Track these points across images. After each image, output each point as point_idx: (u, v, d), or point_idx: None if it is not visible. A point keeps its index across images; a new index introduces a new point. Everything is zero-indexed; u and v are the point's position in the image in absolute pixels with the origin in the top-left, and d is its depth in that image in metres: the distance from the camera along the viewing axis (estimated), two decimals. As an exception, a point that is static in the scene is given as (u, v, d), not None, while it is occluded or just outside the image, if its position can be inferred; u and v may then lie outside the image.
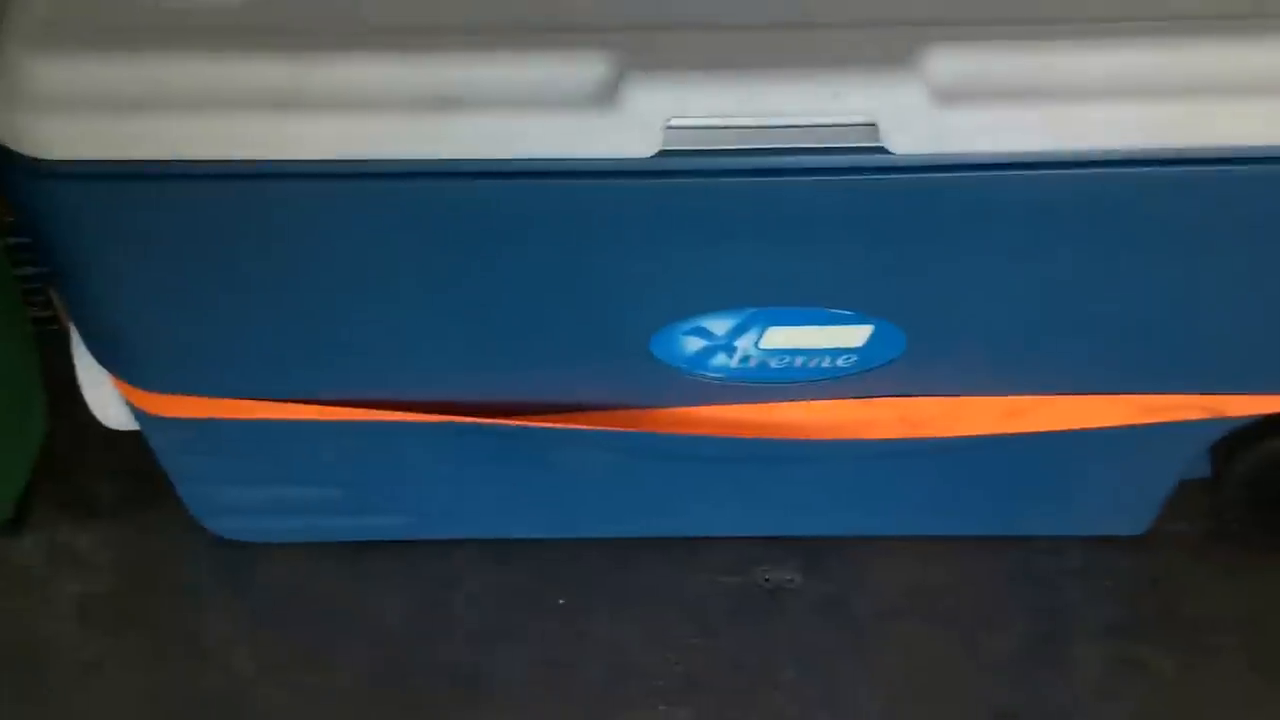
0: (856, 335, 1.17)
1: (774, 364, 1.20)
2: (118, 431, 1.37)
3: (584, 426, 1.25)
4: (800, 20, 1.01)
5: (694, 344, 1.18)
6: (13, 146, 1.03)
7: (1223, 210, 1.07)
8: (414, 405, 1.24)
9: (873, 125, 1.00)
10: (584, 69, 1.01)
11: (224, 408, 1.25)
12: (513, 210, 1.07)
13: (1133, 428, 1.25)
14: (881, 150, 1.01)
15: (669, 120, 1.01)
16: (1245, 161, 1.02)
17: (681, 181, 1.04)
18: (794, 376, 1.21)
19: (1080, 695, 1.39)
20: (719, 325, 1.16)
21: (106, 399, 1.32)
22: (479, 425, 1.25)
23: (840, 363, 1.20)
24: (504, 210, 1.07)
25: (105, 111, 1.01)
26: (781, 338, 1.17)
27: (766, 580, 1.47)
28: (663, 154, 1.02)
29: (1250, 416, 1.27)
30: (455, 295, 1.14)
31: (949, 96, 1.00)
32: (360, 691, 1.43)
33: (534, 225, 1.08)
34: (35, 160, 1.03)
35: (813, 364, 1.20)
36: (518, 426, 1.25)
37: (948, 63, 0.99)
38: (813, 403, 1.24)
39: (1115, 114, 1.00)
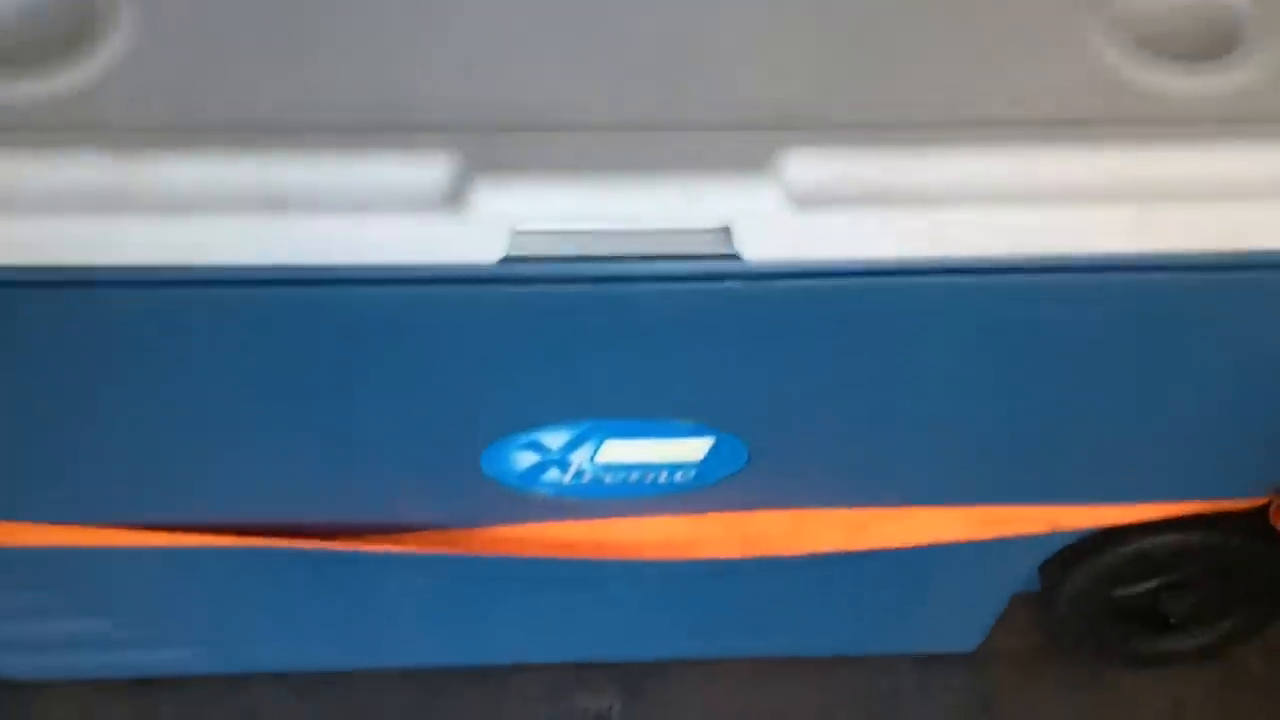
0: (697, 448, 1.15)
1: (609, 479, 1.18)
2: None
3: (404, 549, 1.21)
4: (654, 121, 1.00)
5: (527, 459, 1.15)
6: None
7: (1068, 319, 1.07)
8: (224, 528, 1.20)
9: (726, 230, 0.99)
10: (426, 170, 0.97)
11: (21, 533, 1.19)
12: (344, 318, 1.03)
13: (972, 542, 1.25)
14: (735, 257, 1.00)
15: (516, 225, 0.98)
16: (1088, 270, 1.03)
17: (527, 289, 1.01)
18: (629, 492, 1.19)
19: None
20: (554, 439, 1.14)
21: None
22: (291, 549, 1.20)
23: (678, 477, 1.18)
24: (335, 318, 1.03)
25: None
26: (619, 451, 1.15)
27: (585, 710, 1.44)
28: (507, 260, 0.99)
29: (1086, 530, 1.27)
30: (278, 409, 1.10)
31: (806, 201, 0.98)
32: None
33: (365, 334, 1.05)
34: None
35: (649, 479, 1.18)
36: (336, 550, 1.20)
37: (805, 167, 0.98)
38: (646, 519, 1.22)
39: (969, 220, 1.00)
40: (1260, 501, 1.26)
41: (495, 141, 0.98)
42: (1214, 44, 1.04)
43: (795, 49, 1.03)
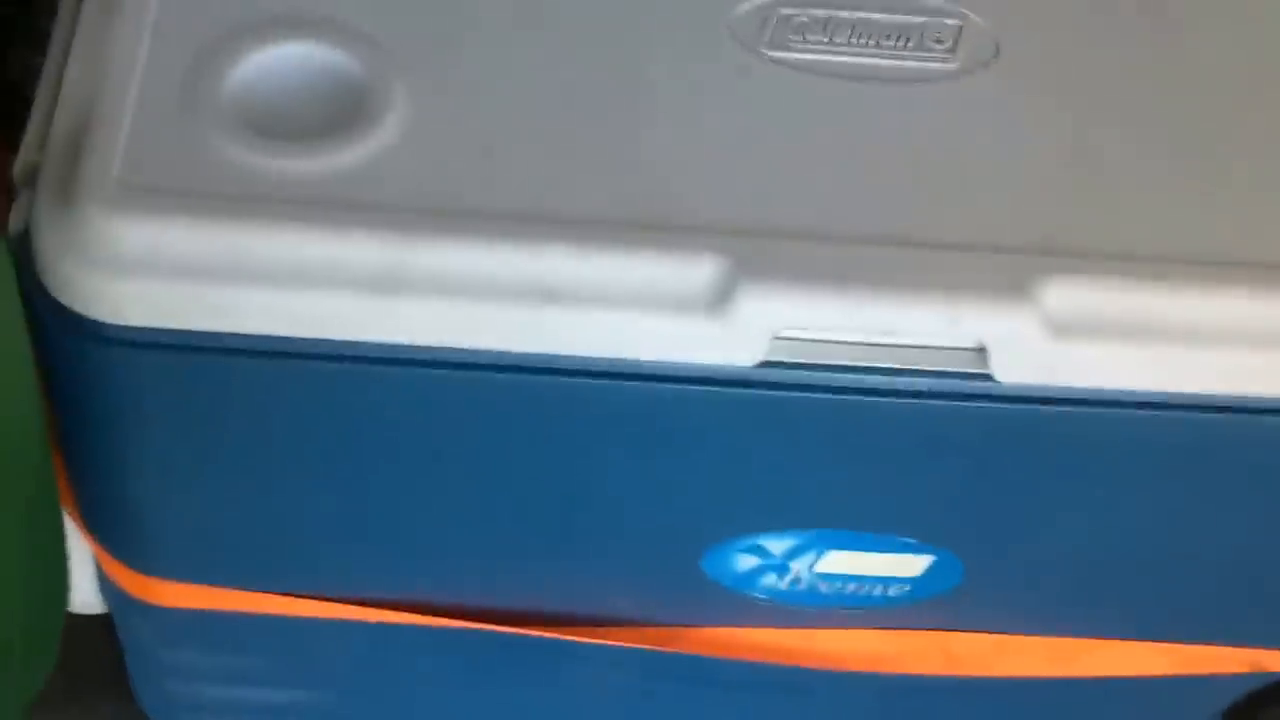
0: (916, 565, 1.18)
1: (824, 588, 1.20)
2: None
3: (612, 643, 1.24)
4: (915, 237, 1.03)
5: (747, 562, 1.18)
6: (80, 310, 1.01)
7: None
8: (433, 609, 1.23)
9: (982, 351, 1.02)
10: (695, 271, 1.01)
11: (234, 600, 1.22)
12: (593, 411, 1.07)
13: (1170, 678, 1.27)
14: (988, 378, 1.02)
15: (778, 331, 1.01)
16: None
17: (777, 394, 1.04)
18: (842, 603, 1.22)
19: None
20: (778, 545, 1.17)
21: (78, 580, 1.29)
22: (502, 634, 1.23)
23: (892, 591, 1.20)
24: (584, 411, 1.07)
25: (188, 280, 1.00)
26: (839, 563, 1.18)
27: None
28: (764, 365, 1.02)
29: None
30: (512, 495, 1.14)
31: (1063, 329, 1.01)
32: None
33: (614, 428, 1.08)
34: (100, 324, 1.01)
35: (864, 590, 1.20)
36: (545, 638, 1.23)
37: (1065, 295, 1.01)
38: (853, 631, 1.24)
39: (1226, 360, 1.03)
40: None
41: (760, 246, 1.02)
42: None
43: (1057, 174, 1.06)
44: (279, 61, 1.06)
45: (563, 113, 1.06)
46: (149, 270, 1.00)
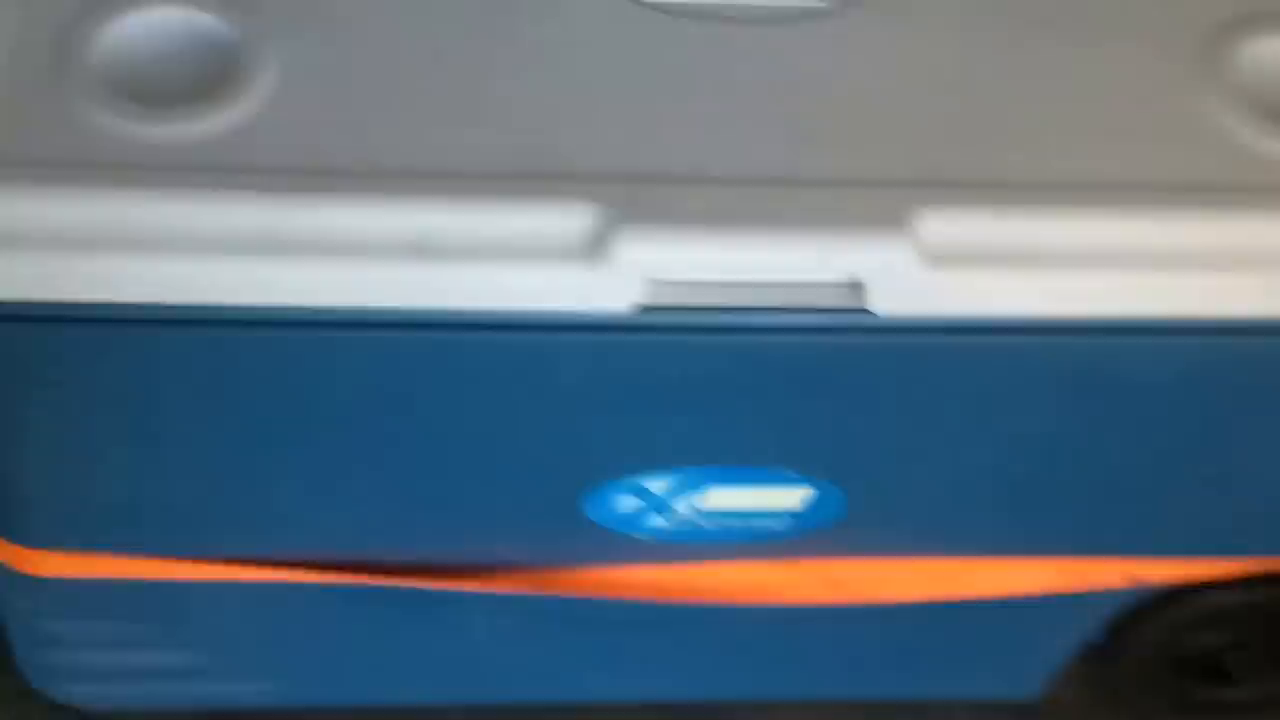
0: (798, 497, 1.19)
1: (707, 525, 1.22)
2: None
3: (498, 589, 1.25)
4: (791, 176, 1.04)
5: (629, 503, 1.19)
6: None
7: (1171, 379, 1.12)
8: (317, 564, 1.23)
9: (858, 285, 1.03)
10: (570, 220, 1.01)
11: (113, 566, 1.22)
12: (474, 363, 1.07)
13: (1053, 594, 1.30)
14: (865, 311, 1.04)
15: (653, 274, 1.02)
16: (1192, 332, 1.07)
17: (658, 337, 1.05)
18: (725, 538, 1.23)
19: None
20: (659, 484, 1.18)
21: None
22: (386, 587, 1.23)
23: (775, 524, 1.22)
24: (464, 363, 1.07)
25: (55, 251, 0.98)
26: (722, 499, 1.19)
27: (652, 749, 1.47)
28: (642, 309, 1.03)
29: (1166, 584, 1.32)
30: (391, 449, 1.14)
31: (939, 259, 1.03)
32: None
33: (494, 378, 1.08)
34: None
35: (747, 525, 1.22)
36: (433, 590, 1.24)
37: (939, 225, 1.03)
38: (737, 564, 1.26)
39: (1099, 281, 1.05)
40: (1338, 560, 1.31)
41: (635, 192, 1.02)
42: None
43: (929, 109, 1.07)
44: (149, 26, 1.04)
45: (435, 68, 1.06)
46: (18, 243, 0.98)
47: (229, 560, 1.23)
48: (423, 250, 1.00)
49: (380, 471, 1.16)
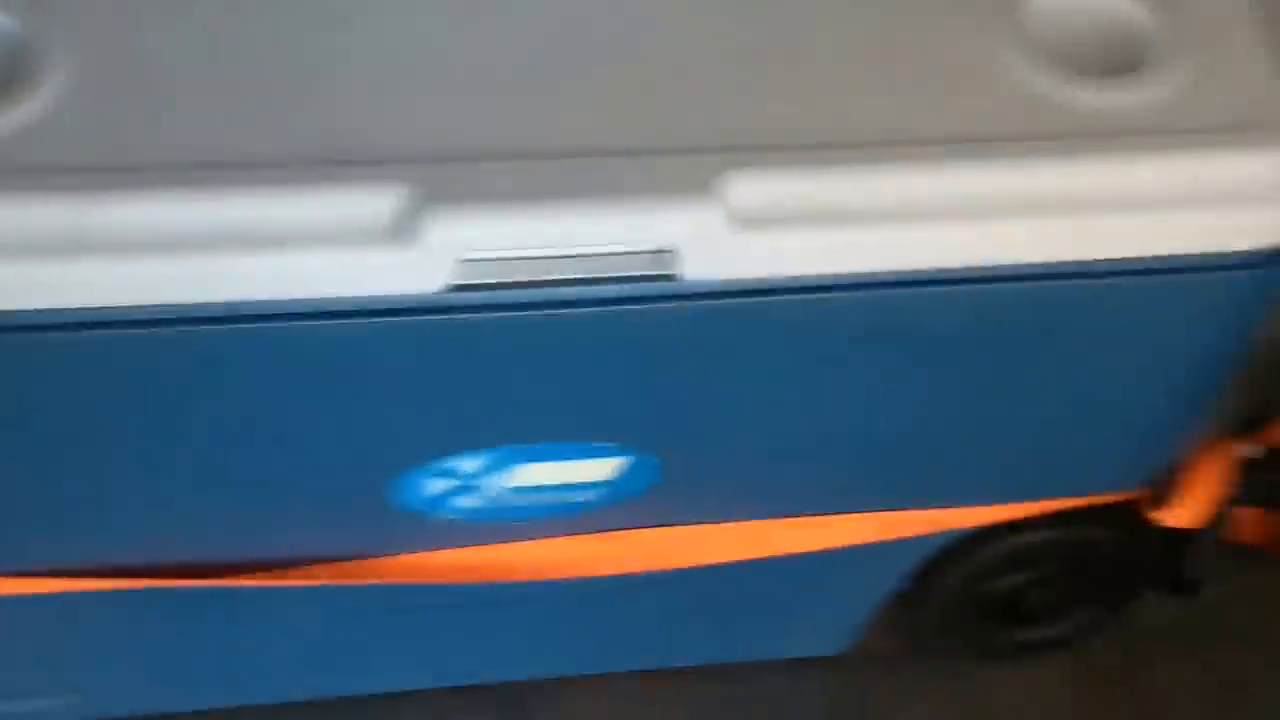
0: (610, 467, 1.19)
1: (518, 501, 1.20)
2: None
3: (307, 582, 1.22)
4: (596, 147, 1.03)
5: (438, 485, 1.17)
6: None
7: (966, 328, 1.13)
8: (118, 571, 1.19)
9: (670, 252, 1.03)
10: (376, 203, 0.99)
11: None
12: (283, 353, 1.05)
13: (862, 546, 1.31)
14: (677, 278, 1.03)
15: (462, 254, 1.00)
16: (1011, 280, 1.09)
17: (465, 318, 1.04)
18: (538, 514, 1.22)
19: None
20: (468, 465, 1.16)
21: None
22: (180, 589, 1.20)
23: (588, 496, 1.21)
24: (273, 354, 1.04)
25: None
26: (532, 475, 1.18)
27: (464, 729, 1.46)
28: (452, 289, 1.01)
29: (967, 529, 1.34)
30: (195, 446, 1.11)
31: (748, 222, 1.03)
32: None
33: (304, 368, 1.06)
34: None
35: (559, 500, 1.21)
36: (239, 588, 1.21)
37: (747, 189, 1.02)
38: (551, 540, 1.25)
39: (907, 236, 1.05)
40: (1130, 495, 1.33)
41: (441, 172, 1.00)
42: (1123, 61, 1.10)
43: (732, 75, 1.07)
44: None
45: (232, 58, 1.03)
46: None
47: (18, 574, 1.18)
48: (226, 243, 0.97)
49: (183, 469, 1.13)
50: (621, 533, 1.25)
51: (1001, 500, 1.31)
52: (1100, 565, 1.44)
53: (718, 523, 1.27)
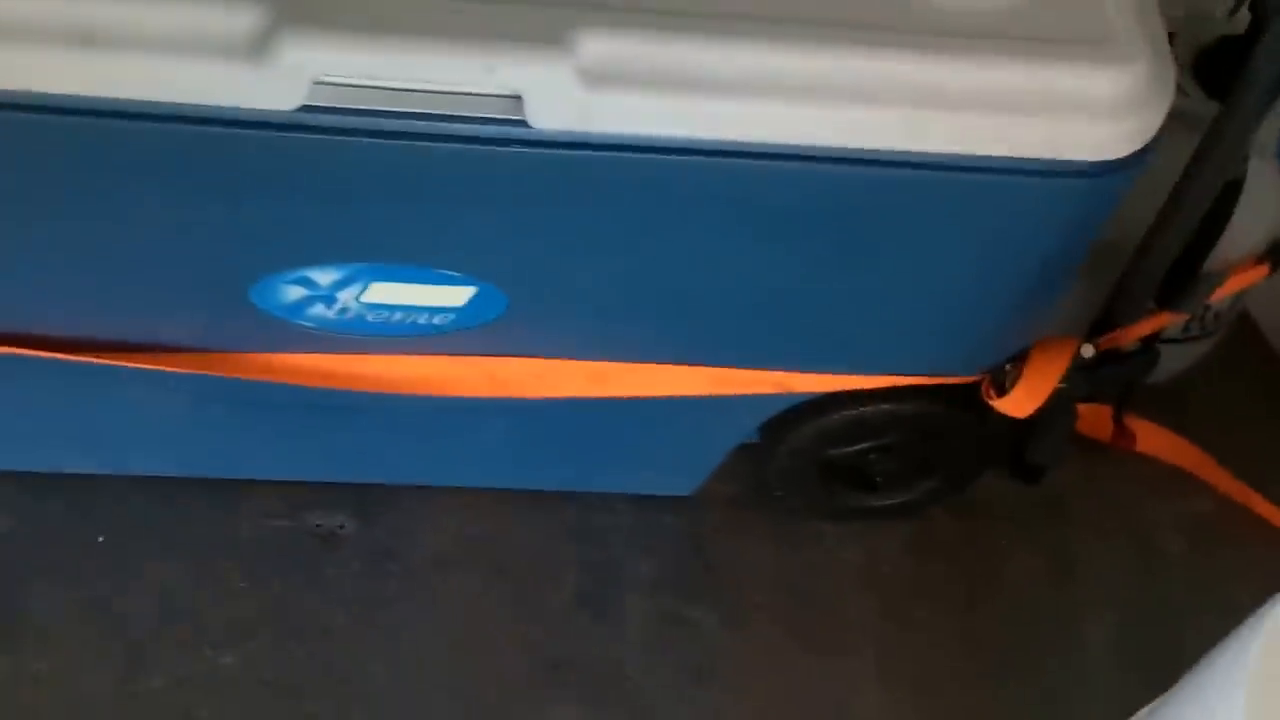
0: (459, 295, 1.24)
1: (371, 317, 1.26)
2: None
3: (166, 368, 1.28)
4: (459, -11, 1.07)
5: (295, 293, 1.23)
6: None
7: (809, 205, 1.18)
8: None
9: (518, 99, 1.07)
10: (237, 17, 1.04)
11: None
12: (140, 152, 1.10)
13: (706, 397, 1.36)
14: (524, 124, 1.08)
15: (316, 76, 1.05)
16: (843, 161, 1.13)
17: (317, 138, 1.08)
18: (390, 331, 1.27)
19: (630, 647, 1.51)
20: (324, 277, 1.21)
21: None
22: (56, 360, 1.26)
23: (438, 320, 1.26)
24: (130, 152, 1.10)
25: None
26: (385, 293, 1.23)
27: (318, 526, 1.53)
28: (305, 109, 1.06)
29: (812, 394, 1.40)
30: (62, 228, 1.17)
31: (596, 79, 1.07)
32: None
33: (159, 168, 1.11)
34: None
35: (410, 319, 1.26)
36: (104, 365, 1.27)
37: (597, 45, 1.07)
38: (404, 357, 1.30)
39: (738, 110, 1.10)
40: (971, 379, 1.39)
41: (303, -4, 1.05)
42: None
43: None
44: None
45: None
46: None
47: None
48: (87, 38, 1.02)
49: (52, 248, 1.19)
50: (469, 358, 1.30)
51: (839, 370, 1.36)
52: (942, 442, 1.49)
53: (561, 360, 1.32)
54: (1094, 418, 1.59)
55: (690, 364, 1.34)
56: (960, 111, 1.12)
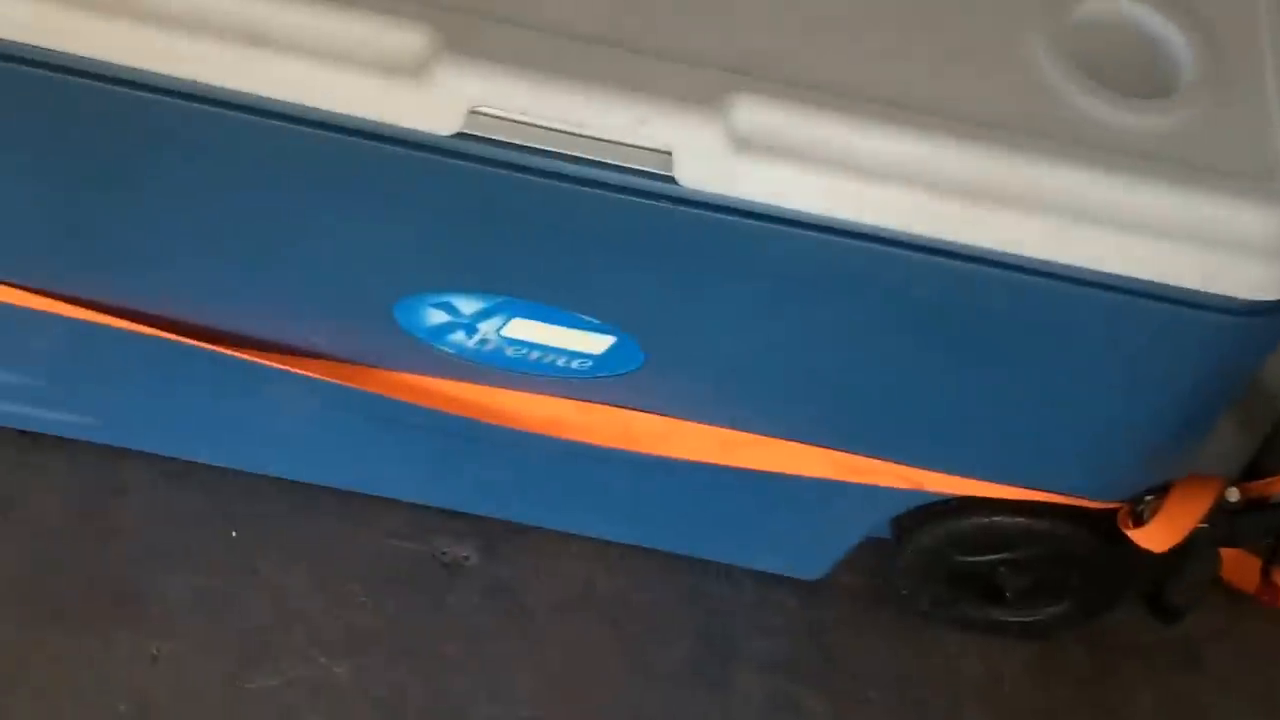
0: (599, 344, 1.25)
1: (510, 352, 1.27)
2: None
3: (307, 373, 1.31)
4: (625, 38, 1.09)
5: (438, 317, 1.25)
6: None
7: (965, 305, 1.17)
8: (142, 315, 1.29)
9: (668, 155, 1.08)
10: (403, 37, 1.06)
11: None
12: (299, 158, 1.13)
13: (836, 482, 1.36)
14: (672, 180, 1.09)
15: (473, 105, 1.07)
16: (990, 264, 1.13)
17: (469, 166, 1.10)
18: (526, 368, 1.29)
19: (732, 722, 1.50)
20: (468, 305, 1.23)
21: None
22: (204, 349, 1.29)
23: (575, 365, 1.28)
24: (289, 156, 1.13)
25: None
26: (526, 330, 1.25)
27: (443, 554, 1.54)
28: (460, 136, 1.08)
29: (944, 495, 1.38)
30: (217, 220, 1.20)
31: (745, 144, 1.08)
32: (7, 588, 1.46)
33: (321, 177, 1.14)
34: None
35: (547, 360, 1.28)
36: (248, 362, 1.30)
37: (751, 112, 1.08)
38: (536, 396, 1.32)
39: (891, 196, 1.10)
40: (1111, 505, 1.36)
41: (470, 23, 1.08)
42: (1153, 85, 1.13)
43: (770, 5, 1.12)
44: None
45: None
46: None
47: (52, 294, 1.29)
48: (256, 38, 1.05)
49: (203, 241, 1.23)
50: (600, 406, 1.31)
51: (972, 475, 1.35)
52: (1076, 565, 1.46)
53: (692, 421, 1.32)
54: (1242, 566, 1.55)
55: (821, 445, 1.33)
56: (1109, 228, 1.11)
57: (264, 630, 1.48)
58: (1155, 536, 1.35)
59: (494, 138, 1.09)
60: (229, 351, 1.30)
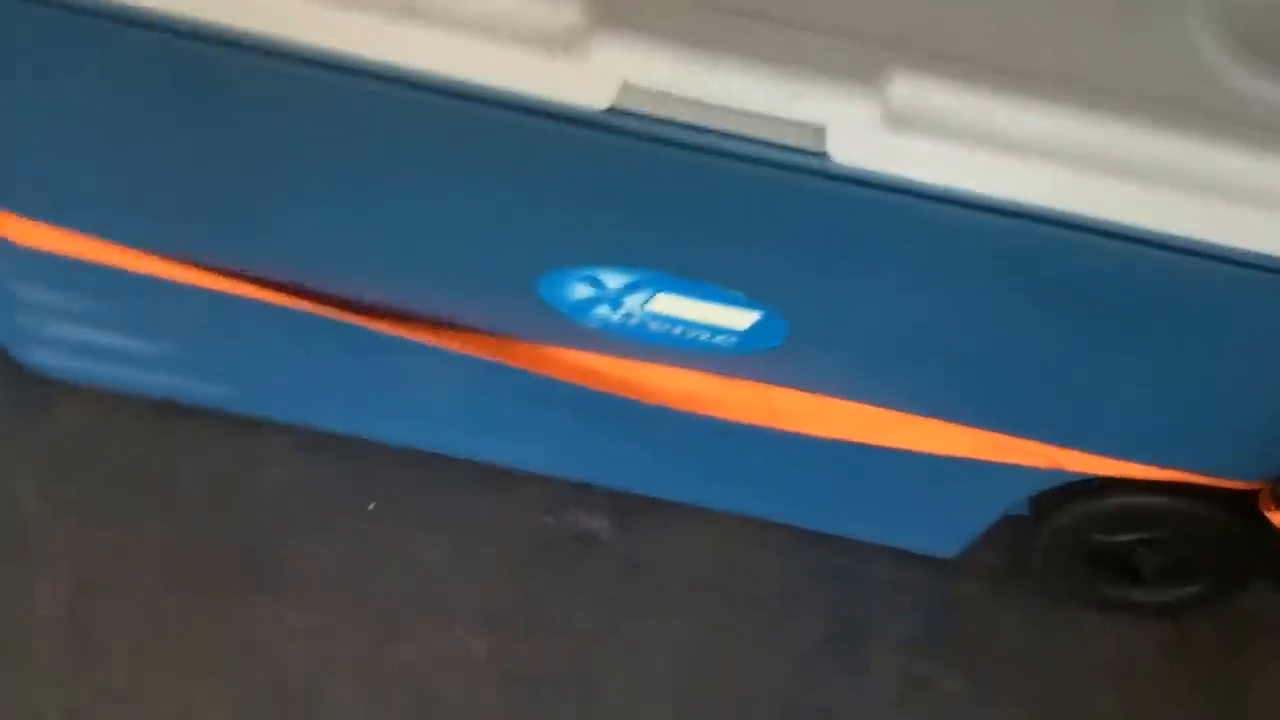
0: (744, 319, 1.25)
1: (654, 327, 1.27)
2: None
3: (449, 345, 1.31)
4: (778, 12, 1.08)
5: (583, 291, 1.25)
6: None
7: (1107, 283, 1.16)
8: (272, 285, 1.30)
9: (821, 130, 1.08)
10: (558, 10, 1.06)
11: (85, 248, 1.29)
12: (448, 127, 1.12)
13: (977, 460, 1.35)
14: (824, 156, 1.08)
15: (626, 79, 1.07)
16: (1146, 244, 1.11)
17: (621, 140, 1.10)
18: (669, 343, 1.29)
19: (871, 702, 1.50)
20: (614, 279, 1.23)
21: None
22: (343, 322, 1.30)
23: (719, 340, 1.27)
24: (435, 126, 1.13)
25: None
26: (671, 305, 1.25)
27: (577, 525, 1.55)
28: (612, 110, 1.08)
29: (1084, 475, 1.37)
30: (361, 193, 1.21)
31: (901, 121, 1.07)
32: (147, 557, 1.48)
33: (469, 150, 1.14)
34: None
35: (691, 335, 1.28)
36: (389, 335, 1.30)
37: (907, 89, 1.07)
38: (679, 371, 1.32)
39: (1047, 173, 1.08)
40: (1251, 485, 1.35)
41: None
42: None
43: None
44: None
45: None
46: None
47: (194, 264, 1.30)
48: (408, 8, 1.05)
49: (346, 211, 1.23)
50: (745, 383, 1.31)
51: (1112, 454, 1.34)
52: (1213, 545, 1.45)
53: (836, 398, 1.32)
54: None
55: (964, 424, 1.33)
56: (1265, 210, 1.09)
57: (403, 604, 1.49)
58: (1296, 518, 1.34)
59: (646, 112, 1.08)
60: (371, 324, 1.30)
